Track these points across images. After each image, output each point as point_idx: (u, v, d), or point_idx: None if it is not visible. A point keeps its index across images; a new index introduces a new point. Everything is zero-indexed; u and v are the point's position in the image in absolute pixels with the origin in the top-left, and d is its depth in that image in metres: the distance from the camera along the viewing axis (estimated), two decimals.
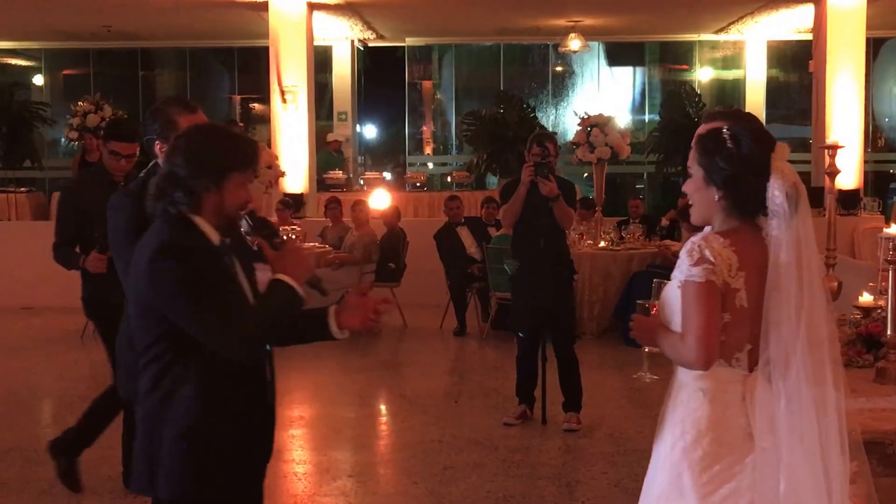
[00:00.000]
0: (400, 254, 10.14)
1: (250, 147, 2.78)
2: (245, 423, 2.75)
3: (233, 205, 2.70)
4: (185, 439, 2.64)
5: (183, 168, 2.64)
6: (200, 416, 2.64)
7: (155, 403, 2.68)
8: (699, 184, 2.53)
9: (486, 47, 18.02)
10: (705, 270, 2.40)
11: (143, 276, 2.61)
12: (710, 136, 2.54)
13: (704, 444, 2.47)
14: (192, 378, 2.64)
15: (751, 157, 2.48)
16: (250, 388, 2.78)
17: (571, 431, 6.22)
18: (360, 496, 5.19)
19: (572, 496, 5.18)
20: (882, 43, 17.04)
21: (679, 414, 2.55)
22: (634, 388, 7.41)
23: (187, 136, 2.75)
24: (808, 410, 2.42)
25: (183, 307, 2.58)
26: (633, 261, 9.34)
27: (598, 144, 9.72)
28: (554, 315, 6.33)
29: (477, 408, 6.94)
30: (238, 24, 14.48)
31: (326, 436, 6.44)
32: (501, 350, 8.90)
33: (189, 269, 2.57)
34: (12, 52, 18.34)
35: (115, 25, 15.26)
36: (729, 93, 17.42)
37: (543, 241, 6.22)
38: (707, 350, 2.41)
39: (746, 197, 2.49)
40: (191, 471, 2.65)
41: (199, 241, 2.65)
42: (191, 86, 18.28)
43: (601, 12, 14.07)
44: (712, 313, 2.41)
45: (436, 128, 18.54)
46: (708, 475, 2.45)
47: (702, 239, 2.44)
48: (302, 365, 8.54)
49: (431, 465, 5.65)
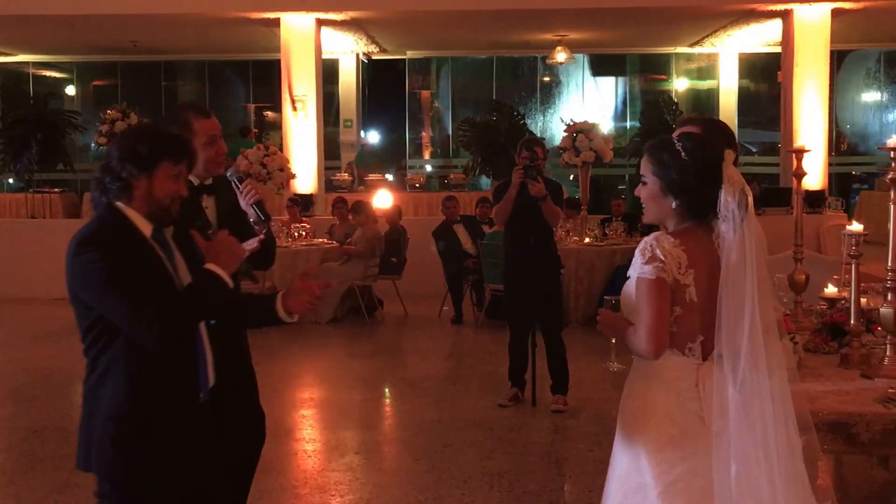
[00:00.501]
0: (401, 249, 10.12)
1: (181, 143, 2.72)
2: (173, 408, 2.66)
3: (162, 194, 2.65)
4: (113, 420, 2.59)
5: (114, 157, 2.64)
6: (128, 399, 2.59)
7: (91, 385, 2.65)
8: (655, 192, 2.54)
9: (479, 60, 17.96)
10: (656, 268, 2.42)
11: (69, 268, 2.58)
12: (662, 146, 2.54)
13: (660, 427, 2.47)
14: (121, 363, 2.59)
15: (704, 167, 2.48)
16: (180, 375, 2.69)
17: (559, 412, 6.19)
18: (366, 471, 5.18)
19: (560, 471, 5.16)
20: (845, 55, 17.04)
21: (636, 400, 2.56)
22: (617, 374, 7.33)
23: (125, 132, 2.75)
24: (757, 395, 2.41)
25: (101, 297, 2.55)
26: (615, 255, 9.32)
27: (583, 149, 9.68)
28: (543, 305, 6.31)
29: (473, 390, 6.92)
30: (252, 39, 14.41)
31: (334, 416, 6.42)
32: (495, 337, 8.86)
33: (106, 261, 2.52)
34: (47, 65, 18.28)
35: (140, 41, 15.20)
36: (704, 101, 17.38)
37: (533, 238, 6.20)
38: (657, 340, 2.43)
39: (701, 203, 2.49)
40: (119, 450, 2.60)
41: (123, 232, 2.61)
42: (209, 96, 18.22)
43: (586, 27, 14.02)
44: (662, 307, 2.43)
45: (434, 133, 18.49)
46: (663, 456, 2.46)
47: (654, 239, 2.46)
48: (311, 351, 8.55)
49: (431, 442, 5.63)
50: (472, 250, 9.72)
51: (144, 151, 2.62)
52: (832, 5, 11.95)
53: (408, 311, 10.02)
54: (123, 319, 2.54)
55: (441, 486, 4.88)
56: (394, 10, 12.43)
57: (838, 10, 12.09)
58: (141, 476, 2.62)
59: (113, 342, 2.59)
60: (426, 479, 4.98)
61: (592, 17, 12.94)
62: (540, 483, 4.96)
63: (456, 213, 10.16)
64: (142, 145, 2.63)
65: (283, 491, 4.87)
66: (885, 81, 17.82)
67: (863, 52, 17.33)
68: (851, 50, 16.88)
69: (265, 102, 17.97)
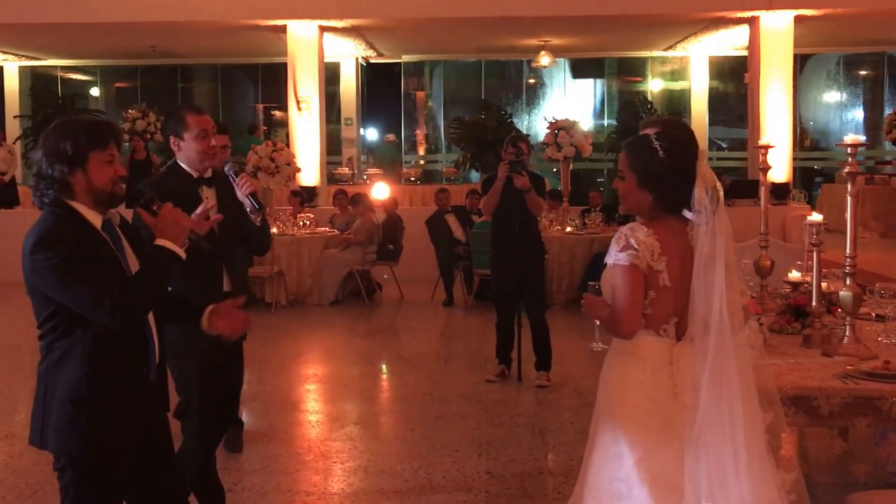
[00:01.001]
0: (398, 237, 10.06)
1: (102, 127, 2.61)
2: (126, 388, 2.61)
3: (101, 182, 2.56)
4: (71, 403, 2.53)
5: (43, 163, 2.53)
6: (85, 382, 2.53)
7: (47, 369, 2.58)
8: (632, 187, 2.53)
9: (469, 63, 17.84)
10: (629, 255, 2.42)
11: (26, 264, 2.51)
12: (641, 145, 2.51)
13: (637, 402, 2.47)
14: (78, 350, 2.53)
15: (680, 166, 2.47)
16: (132, 357, 2.63)
17: (542, 387, 6.15)
18: (365, 440, 5.13)
19: (544, 441, 5.13)
20: (807, 59, 16.98)
21: (614, 376, 2.55)
22: (598, 353, 7.33)
23: (44, 135, 2.60)
24: (725, 373, 2.40)
25: (61, 289, 2.48)
26: (594, 243, 9.28)
27: (565, 144, 9.63)
28: (527, 288, 6.26)
29: (463, 367, 6.87)
30: (261, 44, 14.32)
31: (336, 390, 6.37)
32: (483, 318, 8.81)
33: (62, 256, 2.45)
34: (73, 69, 18.14)
35: (159, 46, 15.09)
36: (676, 101, 17.30)
37: (518, 227, 6.15)
38: (629, 322, 2.45)
39: (675, 198, 2.49)
40: (75, 429, 2.54)
41: (73, 226, 2.52)
42: (221, 96, 18.13)
43: (567, 33, 13.95)
44: (635, 291, 2.43)
45: (427, 131, 18.40)
46: (637, 428, 2.46)
47: (629, 228, 2.47)
48: (314, 330, 8.51)
49: (425, 414, 5.60)
50: (463, 238, 9.66)
51: (70, 149, 2.51)
52: (795, 12, 11.88)
53: (404, 294, 9.96)
54: (84, 306, 2.48)
55: (433, 453, 4.84)
56: (390, 18, 12.35)
57: (801, 17, 12.03)
58: (97, 451, 2.58)
59: (71, 330, 2.53)
60: (420, 448, 4.95)
61: (574, 24, 12.87)
62: (525, 451, 4.92)
63: (447, 204, 10.11)
64: (64, 144, 2.52)
65: (290, 458, 4.84)
66: (844, 83, 17.79)
67: (824, 55, 17.26)
68: (813, 54, 16.81)
69: (273, 102, 17.85)
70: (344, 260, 9.58)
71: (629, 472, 2.44)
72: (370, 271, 9.86)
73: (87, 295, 2.46)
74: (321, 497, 4.28)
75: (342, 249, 9.66)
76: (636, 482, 2.42)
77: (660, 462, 2.43)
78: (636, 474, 2.43)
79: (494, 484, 4.41)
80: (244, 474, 4.56)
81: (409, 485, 4.41)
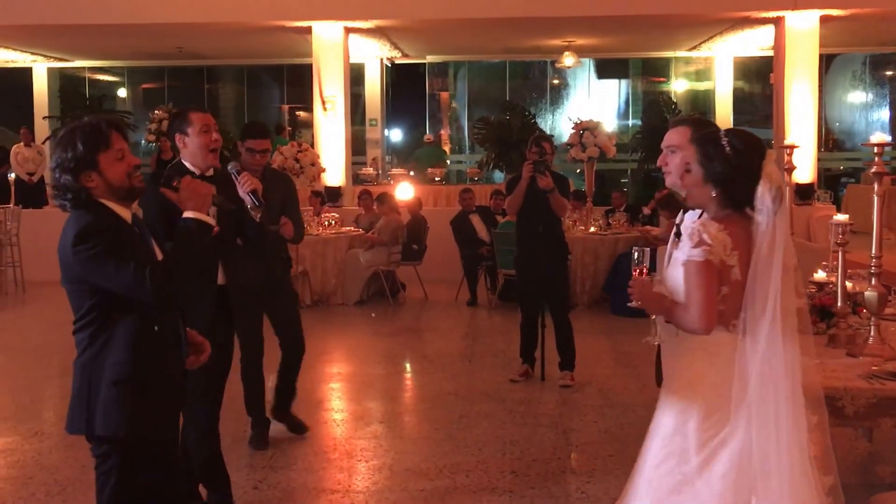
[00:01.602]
0: (422, 237, 10.10)
1: (100, 127, 2.66)
2: (164, 374, 2.76)
3: (116, 178, 2.66)
4: (116, 385, 2.65)
5: (59, 176, 2.64)
6: (129, 367, 2.65)
7: (90, 358, 2.68)
8: (697, 180, 2.54)
9: (494, 64, 17.86)
10: (704, 251, 2.42)
11: (69, 257, 2.62)
12: (711, 141, 2.53)
13: (707, 396, 2.48)
14: (119, 337, 2.65)
15: (746, 164, 2.49)
16: (168, 338, 2.77)
17: (566, 387, 6.16)
18: (390, 439, 5.17)
19: (568, 441, 5.14)
20: (833, 58, 16.81)
21: (683, 371, 2.55)
22: (620, 352, 7.34)
23: (53, 148, 2.75)
24: (777, 371, 2.41)
25: (105, 273, 2.59)
26: (618, 244, 9.26)
27: (589, 145, 9.62)
28: (551, 288, 6.27)
29: (487, 366, 6.89)
30: (286, 45, 14.41)
31: (360, 389, 6.40)
32: (507, 318, 8.85)
33: (102, 244, 2.58)
34: (101, 70, 18.35)
35: (185, 47, 15.23)
36: (701, 102, 17.20)
37: (542, 227, 6.16)
38: (708, 318, 2.43)
39: (739, 196, 2.50)
40: (122, 411, 2.66)
41: (107, 218, 2.65)
42: (247, 97, 18.26)
43: (592, 33, 13.92)
44: (711, 287, 2.43)
45: (451, 131, 18.43)
46: (709, 422, 2.47)
47: (700, 224, 2.46)
48: (339, 330, 8.57)
49: (449, 413, 5.62)
50: (487, 238, 9.69)
51: (79, 156, 2.61)
52: (821, 12, 11.78)
53: (427, 294, 10.00)
54: (128, 285, 2.59)
55: (457, 453, 4.87)
56: (415, 19, 12.38)
57: (826, 17, 11.92)
58: (142, 433, 2.70)
59: (111, 321, 2.65)
60: (444, 447, 4.97)
61: (598, 25, 12.84)
62: (549, 451, 4.94)
63: (472, 204, 10.13)
64: (70, 153, 2.61)
65: (316, 456, 4.88)
66: (870, 83, 17.60)
67: (849, 55, 17.09)
68: (838, 53, 16.65)
69: (298, 103, 17.96)
70: (369, 260, 9.64)
71: (694, 469, 2.46)
72: (395, 271, 9.91)
73: (131, 274, 2.57)
74: (346, 495, 4.32)
75: (367, 249, 9.72)
76: (701, 478, 2.44)
77: (726, 458, 2.44)
78: (701, 470, 2.45)
79: (519, 484, 4.43)
80: (269, 472, 4.61)
81: (434, 484, 4.43)
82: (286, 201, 4.87)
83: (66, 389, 6.16)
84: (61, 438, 5.11)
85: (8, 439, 5.13)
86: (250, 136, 4.83)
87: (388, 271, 9.77)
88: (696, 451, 2.46)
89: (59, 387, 6.36)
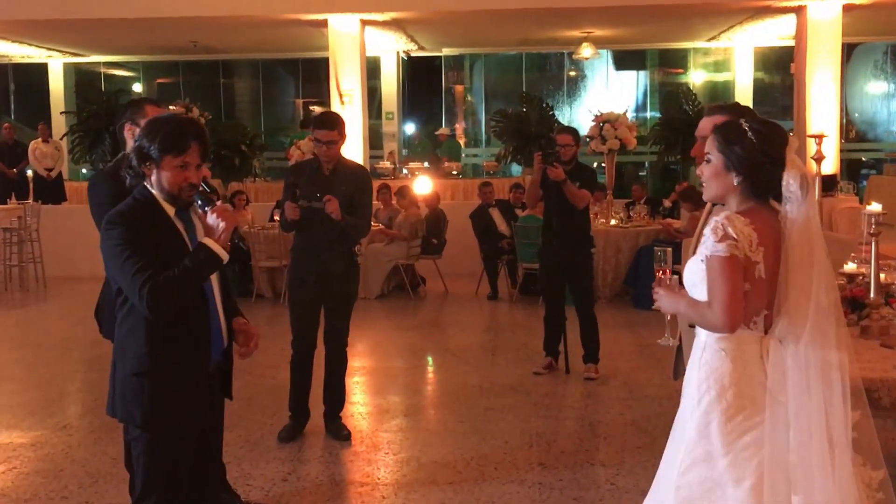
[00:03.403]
0: (441, 231, 10.13)
1: (180, 137, 2.73)
2: (185, 366, 2.78)
3: (169, 184, 2.74)
4: (135, 376, 2.72)
5: (133, 151, 2.79)
6: (147, 361, 2.71)
7: (118, 343, 2.78)
8: (719, 169, 2.46)
9: (510, 56, 17.82)
10: (729, 246, 2.33)
11: (101, 240, 2.75)
12: (731, 127, 2.47)
13: (728, 397, 2.40)
14: (141, 328, 2.71)
15: (770, 150, 2.41)
16: (192, 341, 2.79)
17: (591, 380, 6.19)
18: (415, 432, 5.21)
19: (594, 433, 5.17)
20: (854, 48, 16.70)
21: (704, 372, 2.46)
22: (643, 345, 7.36)
23: (141, 128, 2.84)
24: (815, 367, 2.35)
25: (111, 266, 2.70)
26: (639, 236, 9.26)
27: (609, 137, 9.61)
28: (574, 280, 6.29)
29: (510, 359, 6.92)
30: (301, 39, 14.46)
31: (384, 383, 6.44)
32: (527, 311, 8.89)
33: (122, 238, 2.65)
34: (116, 65, 18.45)
35: (200, 41, 15.30)
36: (720, 93, 17.10)
37: (555, 220, 6.19)
38: (732, 316, 2.34)
39: (764, 183, 2.43)
40: (139, 401, 2.73)
41: (148, 211, 2.72)
42: (263, 92, 18.33)
43: (609, 24, 13.89)
44: (736, 284, 2.33)
45: (467, 125, 18.44)
46: (732, 424, 2.39)
47: (724, 218, 2.37)
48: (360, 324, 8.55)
49: (473, 407, 5.66)
50: (507, 232, 9.71)
51: (146, 147, 2.73)
52: (844, 1, 11.71)
53: (448, 287, 10.04)
54: (127, 289, 2.68)
55: (483, 445, 4.91)
56: (431, 11, 12.40)
57: (849, 6, 11.84)
58: (160, 423, 2.76)
59: (135, 308, 2.71)
60: (470, 440, 5.02)
61: (616, 15, 12.82)
62: (576, 443, 4.98)
63: (492, 198, 10.15)
64: (145, 141, 2.73)
65: (342, 449, 4.93)
66: (893, 72, 17.46)
67: (871, 44, 16.96)
68: (860, 43, 16.53)
69: (313, 97, 18.00)
70: (389, 254, 9.69)
71: (722, 473, 2.39)
72: (414, 265, 9.96)
73: (128, 278, 2.64)
74: (375, 487, 4.36)
75: (386, 244, 9.77)
76: (729, 481, 2.38)
77: (756, 461, 2.37)
78: (729, 473, 2.38)
79: (548, 476, 4.47)
80: (298, 465, 4.67)
81: (462, 476, 4.47)
82: (354, 195, 4.88)
83: (91, 384, 6.31)
84: (90, 432, 5.22)
85: (37, 433, 5.21)
86: (317, 127, 4.90)
87: (408, 265, 9.81)
88: (723, 454, 2.39)
89: (84, 381, 6.46)
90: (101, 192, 3.58)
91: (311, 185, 4.86)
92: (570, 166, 6.12)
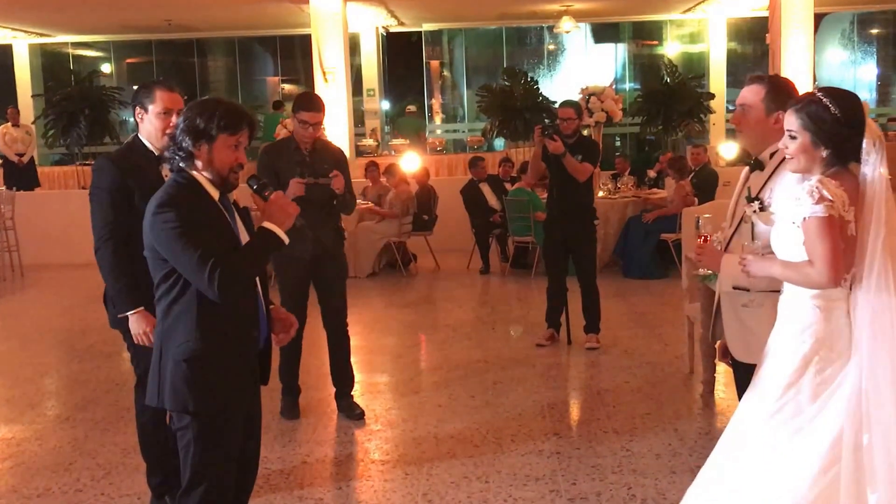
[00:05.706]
0: (431, 207, 10.11)
1: (236, 115, 2.73)
2: (235, 351, 2.76)
3: (220, 163, 2.71)
4: (186, 362, 2.68)
5: (179, 129, 2.71)
6: (198, 344, 2.68)
7: (164, 330, 2.73)
8: (806, 146, 2.59)
9: (490, 30, 17.71)
10: (826, 207, 2.47)
11: (148, 224, 2.67)
12: (812, 103, 2.58)
13: (821, 351, 2.56)
14: (192, 313, 2.68)
15: (852, 118, 2.55)
16: (243, 321, 2.78)
17: (593, 349, 6.25)
18: (428, 408, 5.21)
19: (603, 401, 5.22)
20: (822, 17, 16.83)
21: (796, 326, 2.61)
22: (637, 313, 7.44)
23: (189, 107, 2.78)
24: (888, 316, 2.48)
25: (172, 251, 2.63)
26: (627, 207, 9.33)
27: (596, 110, 9.61)
28: (576, 252, 6.32)
29: (510, 332, 6.94)
30: (280, 16, 14.26)
31: (387, 361, 6.40)
32: (520, 284, 8.92)
33: (180, 220, 2.61)
34: (85, 45, 18.04)
35: (174, 19, 15.02)
36: (695, 64, 17.19)
37: (556, 191, 6.22)
38: (836, 271, 2.49)
39: (848, 150, 2.57)
40: (190, 387, 2.69)
41: (194, 194, 2.69)
42: (239, 70, 18.04)
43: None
44: (836, 241, 2.48)
45: (447, 100, 18.34)
46: (822, 377, 2.55)
47: (818, 182, 2.51)
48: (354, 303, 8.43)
49: (482, 381, 5.68)
50: (497, 206, 9.72)
51: (202, 125, 2.67)
52: None
53: (439, 263, 10.04)
54: (191, 273, 2.62)
55: (497, 418, 4.94)
56: None
57: None
58: (213, 408, 2.73)
59: (185, 293, 2.68)
60: (483, 413, 5.04)
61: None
62: (587, 412, 5.04)
63: (484, 173, 10.13)
64: (199, 119, 2.68)
65: (358, 427, 4.93)
66: (859, 42, 17.67)
67: (838, 14, 17.14)
68: (828, 13, 16.68)
69: (290, 76, 17.78)
70: (380, 232, 9.66)
71: (808, 418, 2.54)
72: (405, 242, 9.94)
73: (194, 261, 2.59)
74: (397, 465, 4.36)
75: (377, 222, 9.73)
76: (816, 424, 2.52)
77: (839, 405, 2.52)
78: (816, 418, 2.53)
79: (564, 445, 4.51)
80: (315, 446, 4.65)
81: (480, 450, 4.50)
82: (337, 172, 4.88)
83: (86, 373, 6.20)
84: (94, 423, 5.12)
85: (39, 427, 5.09)
86: (304, 109, 4.78)
87: (400, 242, 9.79)
88: (810, 402, 2.55)
89: (79, 371, 6.29)
90: (104, 177, 3.51)
91: (294, 164, 4.84)
92: (573, 140, 6.13)
